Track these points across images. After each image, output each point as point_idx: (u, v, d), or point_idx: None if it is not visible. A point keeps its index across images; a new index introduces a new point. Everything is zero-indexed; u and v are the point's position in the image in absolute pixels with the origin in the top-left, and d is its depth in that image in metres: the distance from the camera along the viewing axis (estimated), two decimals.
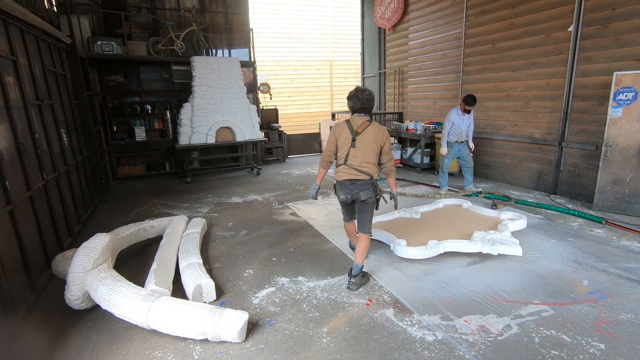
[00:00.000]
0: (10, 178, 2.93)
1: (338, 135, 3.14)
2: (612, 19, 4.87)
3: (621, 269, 3.40)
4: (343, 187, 3.14)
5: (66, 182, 4.50)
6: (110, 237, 3.25)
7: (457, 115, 5.66)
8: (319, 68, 14.48)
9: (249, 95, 8.80)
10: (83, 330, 2.70)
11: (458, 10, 7.35)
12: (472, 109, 5.67)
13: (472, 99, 5.52)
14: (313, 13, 14.08)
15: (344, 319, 2.76)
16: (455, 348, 2.39)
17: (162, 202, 6.08)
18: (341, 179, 3.13)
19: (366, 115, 3.16)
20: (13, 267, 2.83)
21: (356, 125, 3.09)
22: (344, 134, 3.11)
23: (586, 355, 2.30)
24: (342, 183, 3.14)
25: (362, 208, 3.20)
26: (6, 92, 3.09)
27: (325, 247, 4.10)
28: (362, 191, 3.09)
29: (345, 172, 3.09)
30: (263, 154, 9.63)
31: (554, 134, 5.81)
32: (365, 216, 3.19)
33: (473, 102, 5.52)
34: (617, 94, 4.65)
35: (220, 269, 3.63)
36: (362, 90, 3.10)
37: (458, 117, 5.66)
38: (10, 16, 3.34)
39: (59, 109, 4.63)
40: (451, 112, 5.71)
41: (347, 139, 3.09)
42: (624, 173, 4.75)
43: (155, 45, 7.81)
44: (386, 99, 10.55)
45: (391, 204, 3.39)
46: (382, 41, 10.31)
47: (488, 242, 3.68)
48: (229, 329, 2.42)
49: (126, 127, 8.01)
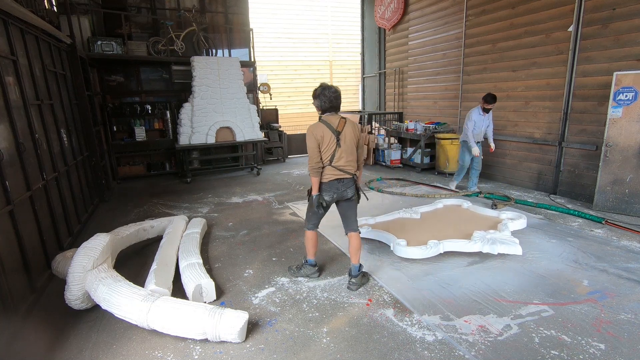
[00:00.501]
0: (10, 178, 2.93)
1: (321, 138, 2.99)
2: (612, 19, 4.87)
3: (621, 269, 3.40)
4: (330, 188, 3.07)
5: (66, 182, 4.50)
6: (110, 237, 3.25)
7: (479, 115, 5.55)
8: (319, 68, 14.48)
9: (249, 95, 8.80)
10: (83, 330, 2.70)
11: (458, 10, 7.35)
12: (491, 109, 5.58)
13: (492, 98, 5.42)
14: (313, 13, 14.08)
15: (344, 319, 2.76)
16: (455, 348, 2.39)
17: (162, 202, 6.08)
18: (327, 180, 3.06)
19: (337, 114, 3.10)
20: (13, 267, 2.83)
21: (334, 124, 3.01)
22: (328, 135, 2.99)
23: (586, 355, 2.30)
24: (329, 184, 3.06)
25: (347, 206, 3.19)
26: (6, 92, 3.09)
27: (325, 247, 4.10)
28: (348, 189, 3.10)
29: (331, 174, 3.04)
30: (263, 154, 9.63)
31: (554, 134, 5.81)
32: (352, 214, 3.21)
33: (493, 100, 5.42)
34: (617, 94, 4.66)
35: (220, 269, 3.63)
36: (328, 88, 3.01)
37: (479, 117, 5.55)
38: (10, 16, 3.34)
39: (59, 109, 4.63)
40: (472, 112, 5.58)
41: (332, 140, 2.99)
42: (624, 173, 4.75)
43: (155, 45, 7.82)
44: (386, 99, 10.54)
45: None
46: (382, 41, 10.31)
47: (488, 242, 3.68)
48: (229, 329, 2.42)
49: (126, 127, 8.01)
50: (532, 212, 5.06)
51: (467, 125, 5.58)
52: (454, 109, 7.77)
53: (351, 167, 3.08)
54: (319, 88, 3.04)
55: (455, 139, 7.21)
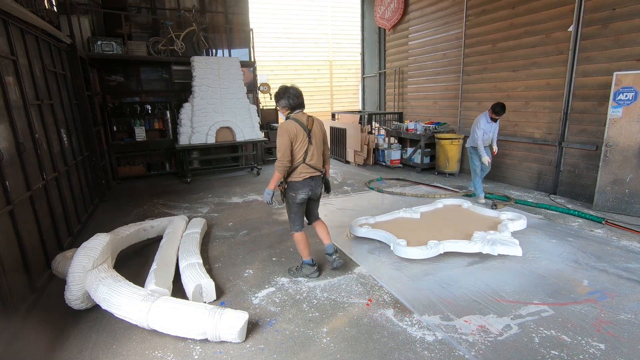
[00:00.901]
0: (10, 178, 2.93)
1: (295, 136, 3.02)
2: (612, 19, 4.87)
3: (621, 269, 3.40)
4: (305, 186, 3.15)
5: (66, 182, 4.51)
6: (110, 237, 3.25)
7: (487, 123, 5.30)
8: (319, 68, 14.49)
9: (249, 95, 8.79)
10: (83, 330, 2.70)
11: (458, 10, 7.35)
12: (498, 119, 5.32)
13: (502, 108, 5.15)
14: (313, 13, 14.09)
15: (344, 319, 2.76)
16: (455, 348, 2.39)
17: (162, 202, 6.08)
18: (302, 178, 3.12)
19: (304, 112, 3.18)
20: (13, 267, 2.83)
21: (304, 122, 3.08)
22: (301, 133, 3.04)
23: (586, 355, 2.30)
24: (303, 182, 3.13)
25: (315, 201, 3.41)
26: (6, 92, 3.09)
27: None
28: (319, 186, 3.28)
29: (305, 172, 3.12)
30: (263, 154, 9.63)
31: (554, 134, 5.81)
32: (317, 205, 3.48)
33: (502, 111, 5.16)
34: (617, 94, 4.66)
35: (220, 269, 3.63)
36: (291, 87, 3.09)
37: (487, 125, 5.31)
38: (10, 16, 3.34)
39: (59, 109, 4.63)
40: (480, 120, 5.30)
41: (304, 139, 3.06)
42: (624, 173, 4.75)
43: (155, 45, 7.81)
44: (386, 99, 10.54)
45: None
46: (382, 41, 10.31)
47: (488, 243, 3.68)
48: (229, 329, 2.42)
49: (126, 127, 8.01)
50: (532, 212, 5.06)
51: (476, 133, 5.32)
52: (454, 109, 7.77)
53: (321, 164, 3.25)
54: (280, 89, 3.12)
55: (455, 139, 7.22)
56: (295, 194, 3.17)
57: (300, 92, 3.12)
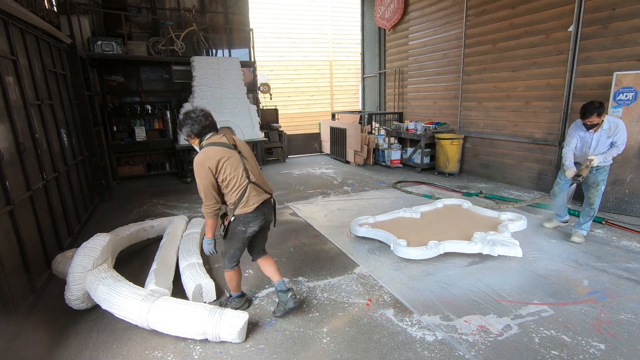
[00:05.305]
0: (10, 178, 2.93)
1: (217, 164, 2.43)
2: (612, 19, 4.87)
3: (621, 269, 3.40)
4: (258, 215, 2.58)
5: (66, 182, 4.51)
6: (110, 237, 3.25)
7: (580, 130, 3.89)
8: (319, 68, 14.48)
9: (249, 95, 8.80)
10: (83, 330, 2.70)
11: (458, 10, 7.35)
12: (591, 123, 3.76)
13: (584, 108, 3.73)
14: (313, 13, 14.08)
15: (344, 319, 2.76)
16: (455, 348, 2.39)
17: (162, 202, 6.08)
18: (255, 206, 2.55)
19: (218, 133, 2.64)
20: (13, 267, 2.83)
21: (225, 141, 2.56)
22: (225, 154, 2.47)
23: (586, 356, 2.30)
24: (256, 210, 2.56)
25: (267, 230, 2.85)
26: (6, 92, 3.09)
27: (325, 247, 4.10)
28: (270, 211, 2.73)
29: (256, 197, 2.56)
30: (263, 154, 9.63)
31: (554, 134, 5.81)
32: (266, 237, 2.89)
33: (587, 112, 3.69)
34: (617, 94, 4.65)
35: (220, 269, 3.63)
36: (191, 111, 2.56)
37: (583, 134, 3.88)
38: (10, 16, 3.34)
39: (59, 109, 4.63)
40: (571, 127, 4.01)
41: (233, 156, 2.50)
42: (624, 173, 4.75)
43: (155, 45, 7.82)
44: (386, 99, 10.54)
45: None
46: (382, 41, 10.31)
47: (488, 243, 3.67)
48: (229, 329, 2.42)
49: (126, 127, 8.01)
50: (533, 212, 5.05)
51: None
52: (454, 109, 7.76)
53: (263, 182, 2.67)
54: (184, 116, 2.56)
55: (455, 139, 7.22)
56: (245, 228, 2.57)
57: (207, 112, 2.57)
